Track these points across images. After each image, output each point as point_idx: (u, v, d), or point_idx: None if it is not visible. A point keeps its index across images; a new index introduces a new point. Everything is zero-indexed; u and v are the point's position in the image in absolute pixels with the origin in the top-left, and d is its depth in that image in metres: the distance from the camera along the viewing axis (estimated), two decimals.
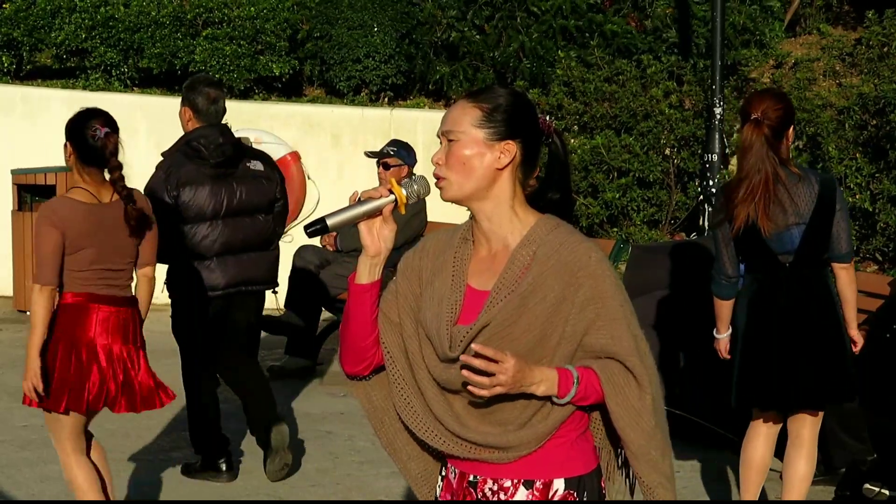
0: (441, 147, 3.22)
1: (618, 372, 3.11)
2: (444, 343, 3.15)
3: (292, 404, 8.84)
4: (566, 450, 3.20)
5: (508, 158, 3.18)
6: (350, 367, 3.33)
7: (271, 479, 7.06)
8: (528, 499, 3.17)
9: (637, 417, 3.12)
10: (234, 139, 7.08)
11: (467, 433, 3.17)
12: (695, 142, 12.52)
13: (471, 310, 3.17)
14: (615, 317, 3.14)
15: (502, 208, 3.20)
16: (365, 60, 13.91)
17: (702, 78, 12.82)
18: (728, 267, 5.86)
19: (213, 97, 7.00)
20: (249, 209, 7.09)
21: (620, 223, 12.69)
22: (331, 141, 12.85)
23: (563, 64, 13.26)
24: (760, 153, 5.63)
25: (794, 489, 5.91)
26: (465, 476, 3.24)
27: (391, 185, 3.24)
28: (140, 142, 12.87)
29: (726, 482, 7.15)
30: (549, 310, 3.11)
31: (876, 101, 11.69)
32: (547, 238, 3.17)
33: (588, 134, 12.97)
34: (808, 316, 5.74)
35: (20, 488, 6.92)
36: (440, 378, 3.18)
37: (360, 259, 3.26)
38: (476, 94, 3.23)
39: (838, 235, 5.74)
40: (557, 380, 3.08)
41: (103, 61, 14.09)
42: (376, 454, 7.50)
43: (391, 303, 3.29)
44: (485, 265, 3.22)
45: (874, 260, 11.64)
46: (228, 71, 13.79)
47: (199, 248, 6.99)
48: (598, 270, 3.14)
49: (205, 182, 6.96)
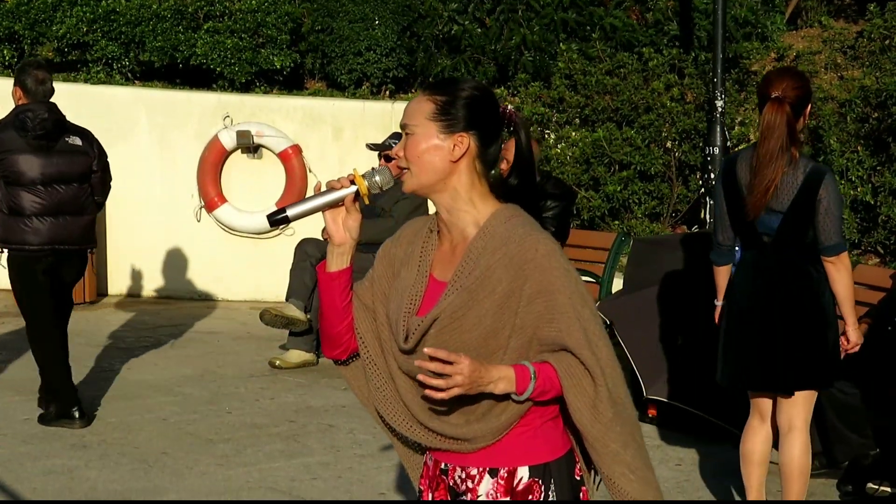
0: (402, 140, 3.26)
1: (574, 364, 3.11)
2: (401, 334, 3.20)
3: (294, 397, 8.85)
4: (530, 438, 3.21)
5: (462, 151, 3.20)
6: (328, 352, 3.42)
7: (42, 423, 8.02)
8: (493, 487, 3.20)
9: (593, 410, 3.11)
10: (57, 116, 7.93)
11: (432, 422, 3.22)
12: (696, 135, 12.52)
13: (431, 301, 3.21)
14: (564, 310, 3.12)
15: (460, 200, 3.22)
16: (366, 53, 13.90)
17: (703, 71, 12.81)
18: (720, 234, 5.94)
19: (41, 78, 7.91)
20: (65, 178, 7.97)
21: (622, 216, 12.69)
22: (332, 134, 12.85)
23: (564, 57, 13.25)
24: (783, 135, 5.61)
25: (793, 479, 5.91)
26: (438, 463, 3.30)
27: (353, 176, 3.26)
28: (141, 134, 12.88)
29: (728, 475, 7.15)
30: (498, 302, 3.12)
31: (877, 94, 11.69)
32: (498, 230, 3.19)
33: (589, 127, 12.97)
34: (787, 298, 5.75)
35: (22, 483, 6.93)
36: (405, 368, 3.24)
37: (327, 248, 3.32)
38: (432, 87, 3.27)
39: (823, 228, 5.68)
40: (515, 377, 3.09)
41: (104, 55, 14.08)
42: (378, 448, 7.51)
43: (367, 288, 3.36)
44: (447, 257, 3.26)
45: (875, 253, 11.64)
46: (230, 64, 13.78)
47: (18, 208, 7.90)
48: (546, 263, 3.13)
49: (25, 151, 7.87)
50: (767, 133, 5.65)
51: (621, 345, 8.04)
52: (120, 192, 12.89)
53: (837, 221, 5.71)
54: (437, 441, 3.23)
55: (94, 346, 10.48)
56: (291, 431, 8.00)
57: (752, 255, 5.84)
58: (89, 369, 9.60)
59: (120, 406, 8.55)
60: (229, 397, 8.86)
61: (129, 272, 13.01)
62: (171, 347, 10.55)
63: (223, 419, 8.29)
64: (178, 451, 7.55)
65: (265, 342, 10.58)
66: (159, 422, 8.20)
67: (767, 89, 5.71)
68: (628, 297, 8.49)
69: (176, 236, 12.91)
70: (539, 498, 3.20)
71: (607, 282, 10.06)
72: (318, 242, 9.85)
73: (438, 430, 3.21)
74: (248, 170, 12.82)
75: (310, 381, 9.33)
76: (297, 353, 9.82)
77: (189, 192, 12.82)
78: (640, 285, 8.49)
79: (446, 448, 3.23)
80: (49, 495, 6.72)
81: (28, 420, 8.17)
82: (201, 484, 6.97)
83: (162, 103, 13.01)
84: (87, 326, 11.33)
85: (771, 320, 5.78)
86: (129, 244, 12.95)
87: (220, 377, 9.47)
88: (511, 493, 3.20)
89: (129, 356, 10.14)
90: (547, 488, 3.21)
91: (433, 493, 3.32)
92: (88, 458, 7.41)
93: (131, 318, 11.89)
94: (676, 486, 6.99)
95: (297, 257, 9.86)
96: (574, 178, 12.54)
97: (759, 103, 5.80)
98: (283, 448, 7.65)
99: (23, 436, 7.83)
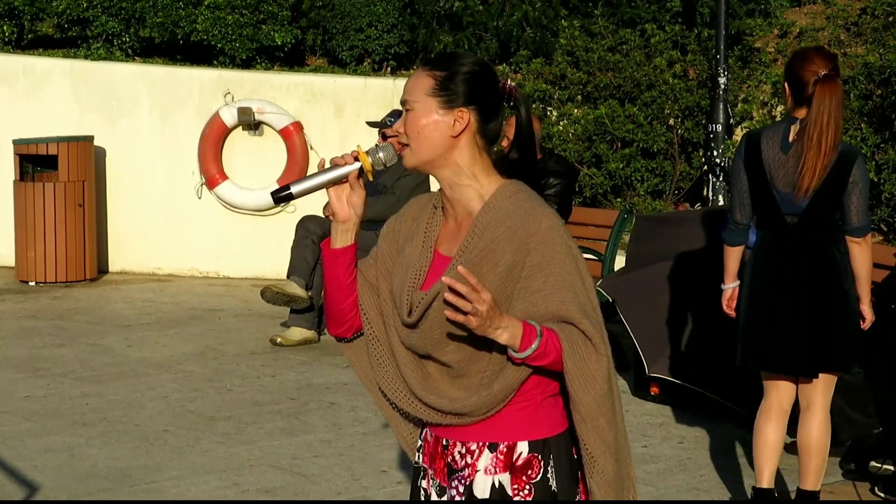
0: (402, 116, 3.26)
1: (577, 333, 3.12)
2: (404, 308, 3.21)
3: (295, 374, 8.84)
4: (530, 413, 3.22)
5: (462, 126, 3.20)
6: (332, 329, 3.42)
7: None
8: (492, 462, 3.21)
9: (591, 381, 3.12)
10: None
11: (430, 398, 3.22)
12: (699, 112, 12.49)
13: (435, 276, 3.21)
14: (564, 284, 3.13)
15: (462, 175, 3.23)
16: (367, 30, 13.86)
17: (706, 47, 12.77)
18: (738, 213, 5.83)
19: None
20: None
21: (624, 193, 12.66)
22: (333, 111, 12.81)
23: (566, 33, 13.20)
24: (839, 115, 5.56)
25: (811, 455, 5.87)
26: (439, 440, 3.30)
27: (358, 153, 3.26)
28: (142, 111, 12.84)
29: (730, 453, 7.14)
30: (502, 275, 3.14)
31: (881, 71, 11.65)
32: (503, 204, 3.19)
33: (592, 104, 12.93)
34: (811, 280, 5.71)
35: (23, 460, 6.92)
36: (406, 342, 3.24)
37: (332, 225, 3.32)
38: (432, 63, 3.27)
39: (854, 209, 5.67)
40: (521, 332, 3.08)
41: (105, 31, 14.04)
42: (379, 425, 7.50)
43: (371, 265, 3.36)
44: (451, 232, 3.27)
45: (879, 230, 11.61)
46: (231, 40, 13.74)
47: None
48: (549, 237, 3.15)
49: None
50: (825, 115, 5.54)
51: (623, 322, 8.02)
52: (120, 169, 12.89)
53: (867, 202, 5.71)
54: (437, 416, 3.24)
55: (95, 323, 10.47)
56: (293, 409, 7.99)
57: (772, 235, 5.76)
58: (90, 347, 9.60)
59: (121, 384, 8.55)
60: (230, 375, 8.85)
61: (129, 249, 12.99)
62: (172, 325, 10.54)
63: (224, 397, 8.28)
64: (180, 429, 7.54)
65: (266, 319, 10.57)
66: (160, 399, 8.19)
67: (812, 67, 5.62)
68: (630, 275, 8.47)
69: (177, 213, 12.89)
70: (538, 473, 3.20)
71: (609, 259, 10.03)
72: (319, 220, 9.83)
73: (436, 405, 3.22)
74: (249, 147, 12.79)
75: (311, 359, 9.32)
76: (299, 331, 9.80)
77: (190, 170, 12.79)
78: (642, 263, 8.47)
79: (446, 423, 3.24)
80: (50, 473, 6.71)
81: (29, 397, 8.16)
82: (202, 461, 6.96)
83: (162, 80, 12.97)
84: (87, 304, 11.33)
85: (797, 302, 5.71)
86: (130, 221, 12.93)
87: (222, 355, 9.46)
88: (510, 467, 3.20)
89: (129, 334, 10.13)
90: (546, 464, 3.21)
91: (434, 470, 3.32)
92: (89, 435, 7.40)
93: (132, 295, 11.88)
94: (678, 464, 6.98)
95: (299, 234, 9.85)
96: (576, 155, 12.50)
97: (795, 80, 5.68)
98: (284, 425, 7.64)
99: (24, 413, 7.83)
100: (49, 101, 12.86)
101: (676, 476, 6.80)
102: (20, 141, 12.23)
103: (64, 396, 8.20)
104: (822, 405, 5.87)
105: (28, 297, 11.60)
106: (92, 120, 12.76)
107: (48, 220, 12.11)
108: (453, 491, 3.26)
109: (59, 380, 8.63)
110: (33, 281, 12.18)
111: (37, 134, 12.35)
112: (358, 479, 6.70)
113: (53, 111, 12.82)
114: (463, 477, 3.24)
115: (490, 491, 3.21)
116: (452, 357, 3.18)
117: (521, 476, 3.20)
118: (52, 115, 12.79)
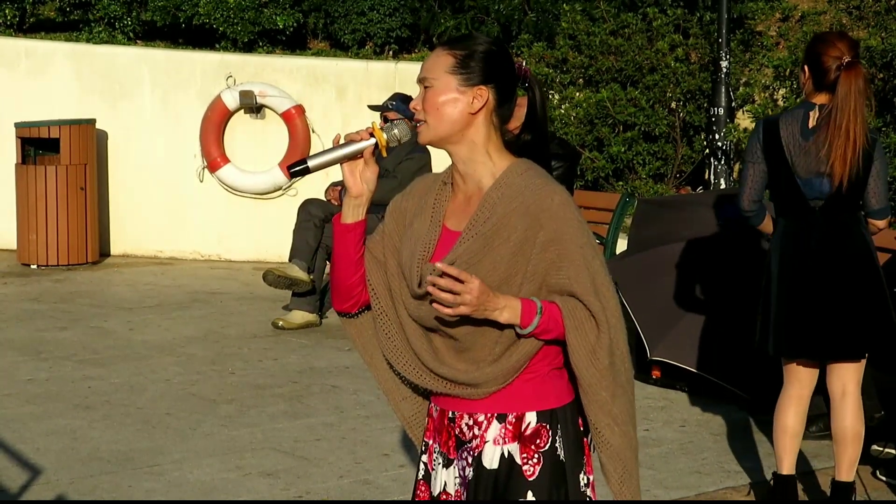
0: (419, 93, 3.33)
1: (579, 308, 3.20)
2: (414, 280, 3.27)
3: (297, 358, 8.85)
4: (538, 384, 3.30)
5: (481, 103, 3.28)
6: (338, 305, 3.47)
7: None
8: (501, 432, 3.28)
9: (591, 355, 3.20)
10: None
11: (441, 369, 3.29)
12: (701, 95, 12.48)
13: (444, 250, 3.29)
14: (574, 259, 3.21)
15: (477, 152, 3.31)
16: (369, 13, 13.85)
17: (708, 31, 12.75)
18: (746, 200, 5.78)
19: None
20: None
21: (626, 177, 12.66)
22: (336, 94, 12.80)
23: (568, 17, 13.17)
24: (863, 102, 5.54)
25: (847, 444, 5.85)
26: (444, 413, 3.37)
27: (372, 129, 3.33)
28: (144, 94, 12.84)
29: (732, 437, 7.15)
30: (513, 250, 3.21)
31: (883, 55, 11.62)
32: (515, 181, 3.27)
33: (593, 87, 12.91)
34: (843, 260, 5.66)
35: (25, 442, 6.93)
36: (415, 315, 3.31)
37: (344, 199, 3.38)
38: (452, 42, 3.36)
39: (876, 191, 5.66)
40: (521, 309, 3.18)
41: (107, 14, 14.03)
42: (382, 408, 7.51)
43: (378, 242, 3.43)
44: (460, 207, 3.34)
45: None
46: (233, 23, 13.72)
47: None
48: (561, 213, 3.23)
49: None
50: (854, 99, 5.52)
51: (625, 306, 8.03)
52: (122, 152, 12.89)
53: (886, 184, 5.72)
54: (447, 387, 3.30)
55: (97, 306, 10.49)
56: (295, 392, 8.01)
57: (797, 221, 5.71)
58: (92, 329, 9.61)
59: (123, 367, 8.56)
60: (232, 358, 8.86)
61: (131, 233, 12.99)
62: (174, 308, 10.55)
63: (226, 380, 8.29)
64: (182, 412, 7.55)
65: (268, 303, 10.58)
66: (162, 382, 8.20)
67: (835, 53, 5.59)
68: (632, 258, 8.47)
69: (179, 197, 12.89)
70: (546, 442, 3.27)
71: (611, 243, 10.03)
72: (321, 203, 9.83)
73: (448, 375, 3.28)
74: (251, 130, 12.79)
75: (313, 342, 9.33)
76: (301, 314, 9.81)
77: (192, 153, 12.79)
78: (644, 246, 8.47)
79: (455, 394, 3.30)
80: (52, 455, 6.72)
81: (32, 380, 8.18)
82: (205, 444, 6.97)
83: (164, 63, 12.96)
84: (89, 287, 11.34)
85: (830, 287, 5.67)
86: (132, 204, 12.93)
87: (224, 338, 9.47)
88: (519, 437, 3.27)
89: (131, 317, 10.14)
90: (554, 433, 3.29)
91: (439, 444, 3.38)
92: (92, 418, 7.41)
93: (134, 278, 11.89)
94: (680, 448, 6.99)
95: (301, 218, 9.85)
96: (578, 138, 12.50)
97: (817, 65, 5.65)
98: (286, 409, 7.65)
99: (26, 396, 7.84)
100: (51, 85, 12.85)
101: (678, 459, 6.81)
102: (22, 124, 12.23)
103: (66, 379, 8.22)
104: (855, 391, 5.84)
105: (30, 281, 11.61)
106: (94, 103, 12.75)
107: (50, 203, 12.12)
108: (463, 462, 3.32)
109: (61, 363, 8.64)
110: (35, 264, 12.20)
111: (39, 117, 12.34)
112: (360, 462, 6.72)
113: (55, 94, 12.81)
114: (471, 448, 3.31)
115: (499, 461, 3.28)
116: (459, 330, 3.24)
117: (529, 445, 3.27)
118: (54, 98, 12.78)
